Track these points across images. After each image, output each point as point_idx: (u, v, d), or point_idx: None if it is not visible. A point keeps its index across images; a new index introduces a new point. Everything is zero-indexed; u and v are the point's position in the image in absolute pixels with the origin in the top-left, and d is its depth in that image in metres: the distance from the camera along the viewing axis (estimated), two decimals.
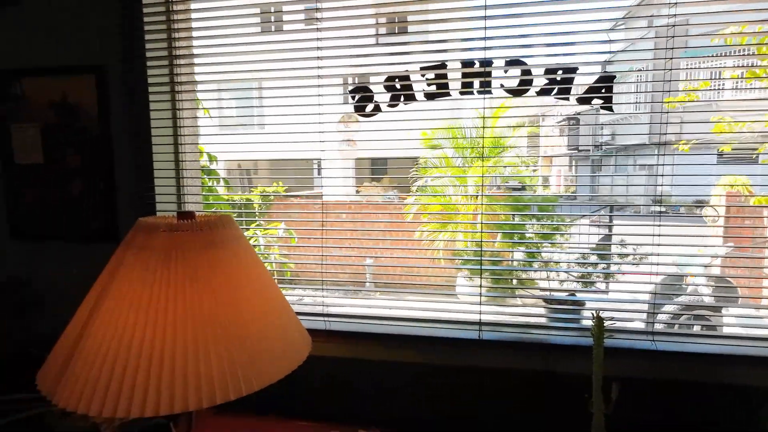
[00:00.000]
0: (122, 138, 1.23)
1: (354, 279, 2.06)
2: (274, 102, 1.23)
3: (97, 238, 1.27)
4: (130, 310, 0.71)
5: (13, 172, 1.30)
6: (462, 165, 4.94)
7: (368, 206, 3.72)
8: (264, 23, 1.25)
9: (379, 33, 1.12)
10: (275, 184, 4.25)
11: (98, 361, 0.68)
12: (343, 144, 3.44)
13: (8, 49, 1.28)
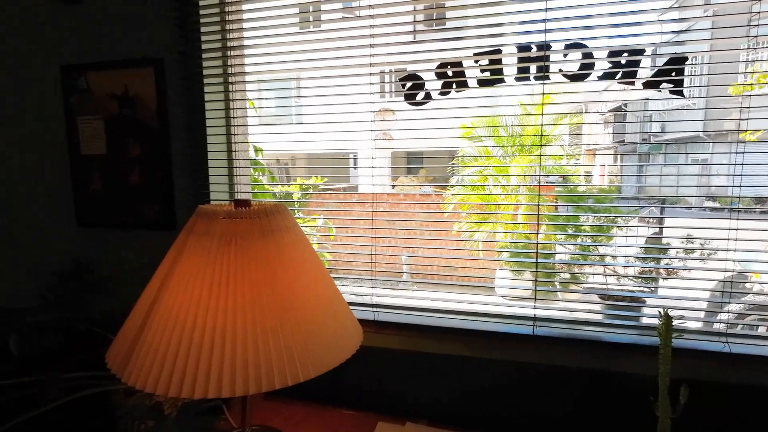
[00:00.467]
0: (179, 129, 1.27)
1: (404, 271, 2.06)
2: (321, 93, 1.22)
3: (155, 226, 1.32)
4: (192, 294, 0.73)
5: (79, 162, 1.37)
6: (504, 155, 4.83)
7: (417, 197, 3.68)
8: (315, 12, 1.24)
9: (432, 18, 1.09)
10: (315, 178, 4.31)
11: (163, 343, 0.70)
12: (380, 136, 3.42)
13: (74, 46, 1.34)
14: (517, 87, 1.08)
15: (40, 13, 1.37)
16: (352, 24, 1.12)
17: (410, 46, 1.10)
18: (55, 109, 1.39)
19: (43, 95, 1.40)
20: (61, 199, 1.42)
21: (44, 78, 1.38)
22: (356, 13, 1.15)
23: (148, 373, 0.69)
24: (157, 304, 0.76)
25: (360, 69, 1.13)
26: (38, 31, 1.38)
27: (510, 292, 1.35)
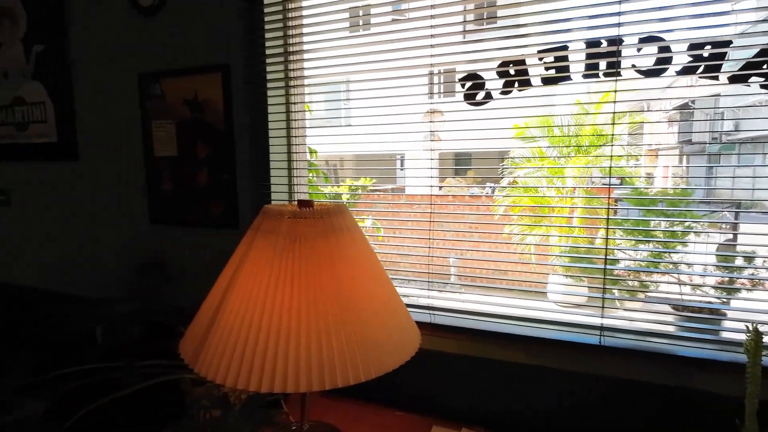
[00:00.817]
0: (243, 131, 1.32)
1: (453, 273, 2.04)
2: (374, 95, 1.23)
3: (220, 224, 1.38)
4: (259, 290, 0.75)
5: (152, 164, 1.46)
6: (559, 156, 4.64)
7: (467, 199, 3.62)
8: (373, 15, 1.25)
9: (495, 16, 1.07)
10: (364, 179, 4.35)
11: (232, 337, 0.73)
12: (428, 137, 3.40)
13: (150, 55, 1.44)
14: (576, 85, 1.04)
15: (120, 25, 1.48)
16: (414, 25, 1.11)
17: (472, 45, 1.09)
18: (132, 114, 1.50)
19: (122, 101, 1.51)
20: (137, 198, 1.53)
21: (124, 85, 1.49)
22: (407, 15, 1.14)
23: (218, 364, 0.73)
24: (227, 298, 0.79)
25: (418, 70, 1.13)
26: (119, 41, 1.49)
27: (567, 299, 1.30)
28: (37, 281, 1.82)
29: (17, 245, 1.86)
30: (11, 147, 1.78)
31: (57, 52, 1.58)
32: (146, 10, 1.40)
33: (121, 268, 1.59)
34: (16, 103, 1.73)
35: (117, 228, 1.59)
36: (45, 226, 1.77)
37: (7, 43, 1.70)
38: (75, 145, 1.62)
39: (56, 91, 1.62)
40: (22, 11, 1.63)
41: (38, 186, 1.76)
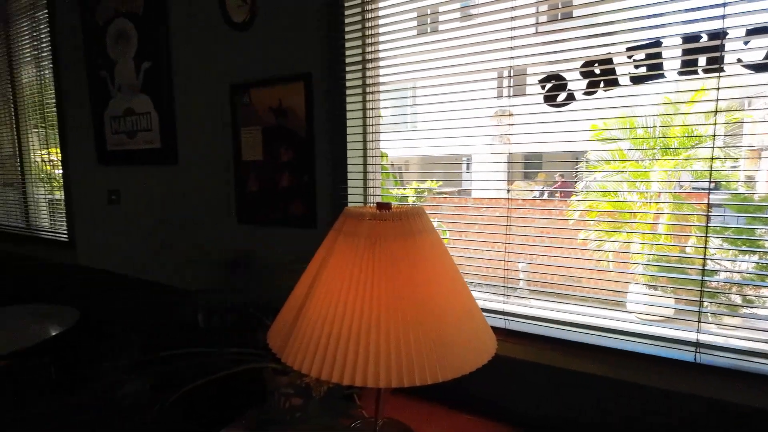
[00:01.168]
0: (322, 136, 1.40)
1: (521, 278, 1.96)
2: (447, 99, 1.23)
3: (300, 224, 1.47)
4: (341, 288, 0.79)
5: (240, 167, 1.59)
6: (643, 159, 4.30)
7: (538, 203, 3.48)
8: (450, 21, 1.26)
9: (579, 16, 1.03)
10: (431, 182, 4.34)
11: (317, 330, 0.77)
12: (497, 139, 3.32)
13: (241, 67, 1.56)
14: (665, 83, 0.97)
15: (215, 40, 1.62)
16: (493, 27, 1.11)
17: (555, 45, 1.06)
18: (224, 122, 1.63)
19: (216, 110, 1.66)
20: (227, 199, 1.66)
21: (217, 95, 1.64)
22: (483, 17, 1.14)
23: (303, 356, 0.77)
24: (311, 295, 0.84)
25: (488, 71, 1.12)
26: (214, 55, 1.64)
27: (651, 311, 1.20)
28: (140, 272, 2.04)
29: (125, 239, 2.10)
30: (122, 153, 2.02)
31: (162, 67, 1.77)
32: (239, 26, 1.52)
33: (211, 263, 1.73)
34: (127, 113, 1.96)
35: (209, 226, 1.75)
36: (148, 223, 1.99)
37: (121, 61, 1.93)
38: (175, 151, 1.80)
39: (160, 103, 1.81)
40: (135, 33, 1.85)
41: (143, 187, 1.98)
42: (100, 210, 2.19)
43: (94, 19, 2.00)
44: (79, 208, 2.33)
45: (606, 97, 1.05)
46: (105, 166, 2.13)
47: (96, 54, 2.03)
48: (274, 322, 0.94)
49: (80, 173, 2.29)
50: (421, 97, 1.29)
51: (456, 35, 1.18)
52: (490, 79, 1.16)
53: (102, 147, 2.10)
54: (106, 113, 2.05)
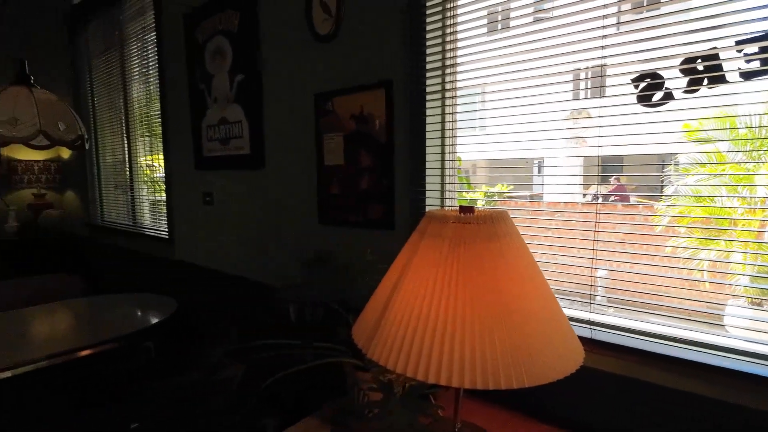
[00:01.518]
0: (402, 141, 1.44)
1: (599, 285, 1.86)
2: (530, 101, 1.21)
3: (378, 226, 1.52)
4: (426, 288, 0.82)
5: (323, 171, 1.68)
6: (745, 161, 3.86)
7: (618, 207, 3.27)
8: (541, 20, 1.24)
9: (680, 10, 0.97)
10: (501, 185, 4.22)
11: (402, 328, 0.80)
12: (572, 142, 3.15)
13: (324, 77, 1.65)
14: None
15: (301, 52, 1.73)
16: (584, 27, 1.08)
17: (650, 43, 1.00)
18: (307, 128, 1.74)
19: (300, 118, 1.77)
20: (310, 201, 1.76)
21: (302, 104, 1.75)
22: (559, 14, 1.10)
23: (389, 352, 0.80)
24: (396, 293, 0.87)
25: (563, 70, 1.09)
26: (300, 66, 1.75)
27: (754, 327, 1.08)
28: (230, 268, 2.22)
29: (217, 237, 2.30)
30: (216, 158, 2.21)
31: (252, 79, 1.93)
32: (323, 38, 1.61)
33: (294, 261, 1.85)
34: (221, 122, 2.15)
35: (293, 226, 1.86)
36: (238, 222, 2.16)
37: (217, 75, 2.12)
38: (262, 156, 1.95)
39: (251, 112, 1.96)
40: (230, 49, 2.03)
41: (234, 190, 2.16)
42: (196, 210, 2.42)
43: (195, 38, 2.22)
44: (178, 208, 2.59)
45: (709, 96, 0.97)
46: (201, 170, 2.35)
47: (196, 69, 2.25)
48: (358, 319, 0.98)
49: (179, 177, 2.54)
50: (498, 100, 1.29)
51: (541, 36, 1.16)
52: (566, 81, 1.12)
53: (199, 153, 2.32)
54: (203, 122, 2.26)
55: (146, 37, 2.73)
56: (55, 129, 1.91)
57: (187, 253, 2.55)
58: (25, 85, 1.98)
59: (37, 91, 1.96)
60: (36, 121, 1.86)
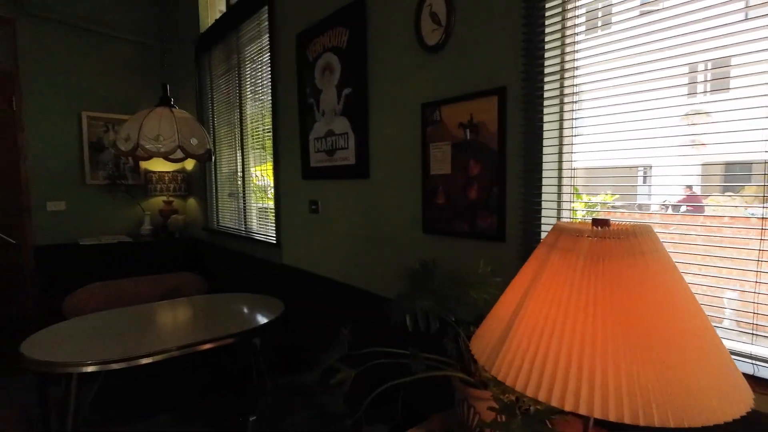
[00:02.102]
0: (515, 149, 1.38)
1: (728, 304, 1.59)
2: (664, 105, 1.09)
3: (487, 237, 1.47)
4: (559, 307, 0.76)
5: (428, 181, 1.67)
6: None
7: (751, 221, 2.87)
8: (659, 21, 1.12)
9: None
10: (605, 195, 3.88)
11: (532, 347, 0.75)
12: (689, 143, 2.76)
13: (432, 86, 1.66)
14: None
15: (408, 63, 1.76)
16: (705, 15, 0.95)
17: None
18: (413, 138, 1.75)
19: (406, 128, 1.79)
20: (414, 211, 1.77)
21: (408, 114, 1.77)
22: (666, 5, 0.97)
23: (516, 371, 0.76)
24: (523, 309, 0.83)
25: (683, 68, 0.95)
26: (406, 77, 1.77)
27: None
28: (335, 274, 2.31)
29: (323, 244, 2.41)
30: (322, 169, 2.33)
31: (359, 92, 2.00)
32: (432, 48, 1.62)
33: (398, 270, 1.86)
34: (328, 134, 2.26)
35: (396, 235, 1.88)
36: (342, 230, 2.24)
37: (325, 89, 2.24)
38: (367, 166, 2.00)
39: (357, 123, 2.04)
40: (338, 64, 2.13)
41: (338, 199, 2.25)
42: (303, 217, 2.57)
43: (306, 56, 2.37)
44: (285, 215, 2.77)
45: None
46: (308, 180, 2.49)
47: (306, 85, 2.40)
48: (477, 334, 0.95)
49: (287, 186, 2.72)
50: (617, 105, 1.18)
51: (671, 34, 1.05)
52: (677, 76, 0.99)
53: (306, 164, 2.46)
54: (310, 135, 2.40)
55: (261, 57, 2.99)
56: (189, 144, 2.16)
57: (294, 258, 2.71)
58: (167, 105, 2.27)
59: (176, 111, 2.24)
60: (175, 137, 2.12)
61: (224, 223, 3.83)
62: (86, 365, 1.80)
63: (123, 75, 4.15)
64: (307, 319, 2.56)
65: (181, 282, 3.50)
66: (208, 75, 3.87)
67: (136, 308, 2.63)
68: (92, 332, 2.19)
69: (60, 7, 3.77)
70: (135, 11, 4.20)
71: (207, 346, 2.07)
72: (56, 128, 3.83)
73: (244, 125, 3.36)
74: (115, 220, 4.19)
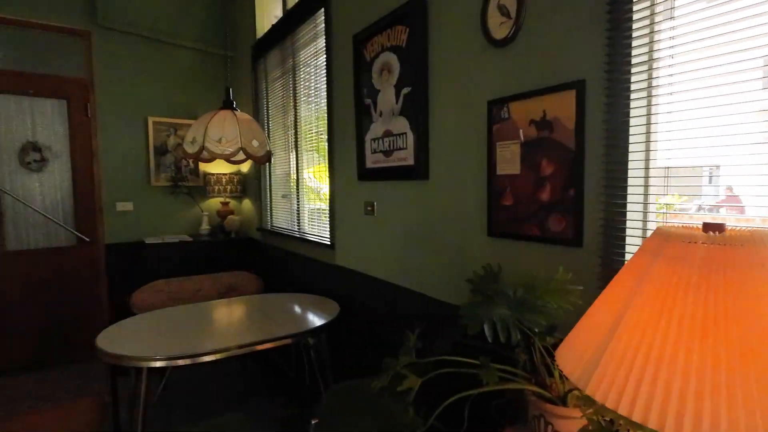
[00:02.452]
0: (595, 147, 1.28)
1: None
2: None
3: (559, 241, 1.38)
4: (668, 321, 0.68)
5: (494, 181, 1.60)
6: None
7: None
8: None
9: None
10: (675, 196, 3.59)
11: (637, 368, 0.68)
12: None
13: (499, 82, 1.58)
14: None
15: (473, 58, 1.69)
16: None
17: None
18: (478, 137, 1.68)
19: (470, 127, 1.72)
20: (478, 213, 1.70)
21: (472, 112, 1.70)
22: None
23: (618, 392, 0.69)
24: (623, 323, 0.75)
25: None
26: (471, 73, 1.71)
27: None
28: (391, 276, 2.28)
29: (378, 246, 2.38)
30: (378, 170, 2.30)
31: (419, 91, 1.95)
32: (499, 42, 1.54)
33: (458, 274, 1.80)
34: (385, 135, 2.23)
35: (457, 238, 1.82)
36: (399, 232, 2.21)
37: (383, 89, 2.21)
38: (427, 167, 1.95)
39: (416, 123, 1.99)
40: (397, 63, 2.10)
41: (395, 200, 2.22)
42: (357, 219, 2.56)
43: (363, 57, 2.35)
44: (339, 216, 2.77)
45: None
46: (363, 181, 2.47)
47: (362, 86, 2.38)
48: (564, 346, 0.87)
49: (342, 188, 2.72)
50: (707, 98, 1.06)
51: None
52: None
53: (362, 165, 2.44)
54: (366, 136, 2.38)
55: (317, 60, 3.01)
56: (251, 146, 2.21)
57: (347, 259, 2.71)
58: (230, 108, 2.33)
59: (239, 113, 2.29)
60: (238, 139, 2.17)
61: (277, 224, 3.91)
62: (155, 360, 1.87)
63: (185, 81, 4.35)
64: (361, 320, 2.55)
65: (237, 280, 3.61)
66: (264, 79, 3.97)
67: (197, 306, 2.72)
68: (158, 328, 2.28)
69: (129, 19, 4.01)
70: (196, 21, 4.39)
71: (267, 346, 2.10)
72: (125, 133, 4.07)
73: (298, 128, 3.41)
74: (177, 220, 4.39)
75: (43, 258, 3.74)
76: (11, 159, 3.62)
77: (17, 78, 3.59)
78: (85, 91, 3.84)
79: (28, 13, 3.61)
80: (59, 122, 3.78)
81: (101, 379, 3.46)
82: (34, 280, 3.70)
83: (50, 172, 3.77)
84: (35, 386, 3.39)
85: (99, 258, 3.95)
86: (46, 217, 3.73)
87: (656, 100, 1.21)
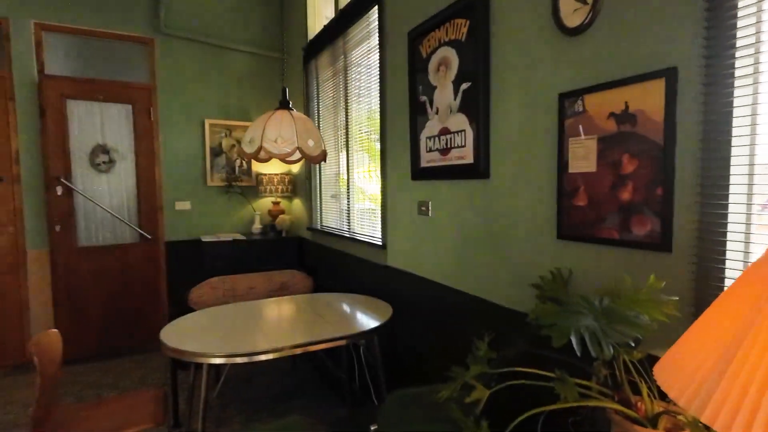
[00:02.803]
0: (688, 141, 1.15)
1: None
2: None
3: (643, 246, 1.25)
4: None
5: (565, 180, 1.49)
6: None
7: None
8: None
9: None
10: None
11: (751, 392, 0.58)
12: None
13: (572, 73, 1.47)
14: None
15: (541, 49, 1.59)
16: None
17: None
18: (546, 133, 1.58)
19: (537, 122, 1.62)
20: (545, 213, 1.60)
21: (540, 106, 1.60)
22: None
23: (743, 424, 0.59)
24: (748, 342, 0.64)
25: None
26: (538, 65, 1.60)
27: None
28: (446, 279, 2.20)
29: (433, 248, 2.32)
30: (434, 168, 2.24)
31: (480, 86, 1.87)
32: (573, 30, 1.44)
33: (523, 278, 1.70)
34: (442, 132, 2.16)
35: (521, 240, 1.72)
36: (454, 233, 2.13)
37: (440, 86, 2.15)
38: (487, 165, 1.87)
39: (476, 119, 1.91)
40: (456, 58, 2.02)
41: (452, 200, 2.14)
42: (411, 219, 2.50)
43: (419, 53, 2.30)
44: (392, 216, 2.73)
45: None
46: (417, 180, 2.41)
47: (418, 83, 2.33)
48: (664, 362, 0.78)
49: (394, 188, 2.68)
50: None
51: None
52: None
53: (416, 164, 2.39)
54: (421, 134, 2.32)
55: (369, 60, 2.99)
56: (306, 145, 2.21)
57: (399, 260, 2.66)
58: (286, 108, 2.35)
59: (295, 113, 2.31)
60: (294, 139, 2.18)
61: (327, 223, 3.93)
62: (215, 357, 1.90)
63: (239, 84, 4.48)
64: (413, 323, 2.49)
65: (288, 279, 3.65)
66: (315, 81, 4.01)
67: (251, 303, 2.77)
68: (216, 325, 2.33)
69: (188, 25, 4.18)
70: (253, 26, 4.51)
71: (321, 347, 2.09)
72: (183, 135, 4.24)
73: (349, 128, 3.40)
74: (230, 218, 4.52)
75: (110, 254, 3.96)
76: (83, 160, 3.87)
77: (89, 85, 3.83)
78: (148, 95, 4.04)
79: (99, 23, 3.85)
80: (125, 126, 4.00)
81: (161, 370, 3.61)
82: (101, 275, 3.94)
83: (116, 172, 3.99)
84: (101, 375, 3.59)
85: (159, 255, 4.14)
86: (113, 216, 3.96)
87: (763, 87, 1.07)
